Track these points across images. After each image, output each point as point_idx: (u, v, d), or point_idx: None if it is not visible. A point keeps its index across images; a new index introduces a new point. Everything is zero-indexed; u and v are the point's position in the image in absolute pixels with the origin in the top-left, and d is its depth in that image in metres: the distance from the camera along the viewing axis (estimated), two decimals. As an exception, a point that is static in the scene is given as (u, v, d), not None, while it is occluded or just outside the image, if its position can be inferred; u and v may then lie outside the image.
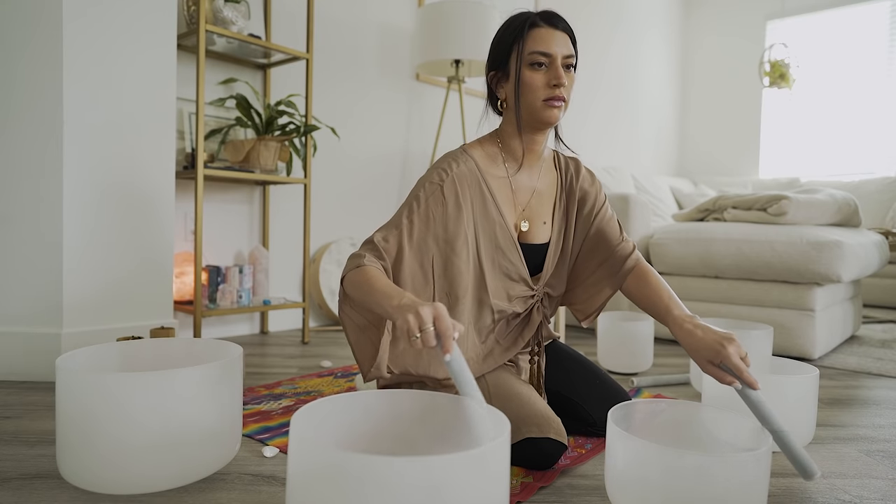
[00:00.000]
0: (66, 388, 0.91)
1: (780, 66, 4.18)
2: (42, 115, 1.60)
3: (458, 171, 1.16)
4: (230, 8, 2.04)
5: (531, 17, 1.14)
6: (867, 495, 1.02)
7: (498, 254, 1.20)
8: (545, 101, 1.12)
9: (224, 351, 1.13)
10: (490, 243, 1.19)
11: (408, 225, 1.12)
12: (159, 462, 0.92)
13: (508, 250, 1.20)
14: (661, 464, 0.80)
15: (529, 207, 1.24)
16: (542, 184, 1.27)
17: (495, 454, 0.65)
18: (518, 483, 1.01)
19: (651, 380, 1.73)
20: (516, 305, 1.22)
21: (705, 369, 1.02)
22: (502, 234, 1.19)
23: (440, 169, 1.16)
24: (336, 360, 1.95)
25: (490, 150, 1.23)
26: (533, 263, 1.25)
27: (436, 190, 1.14)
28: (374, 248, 1.10)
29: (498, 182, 1.21)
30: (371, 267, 1.03)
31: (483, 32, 2.68)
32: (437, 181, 1.15)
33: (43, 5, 1.59)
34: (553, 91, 1.12)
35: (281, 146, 2.14)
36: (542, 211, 1.26)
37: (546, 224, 1.26)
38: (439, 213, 1.14)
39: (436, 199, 1.14)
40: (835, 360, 2.12)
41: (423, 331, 0.84)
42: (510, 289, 1.21)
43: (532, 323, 1.26)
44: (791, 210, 2.15)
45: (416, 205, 1.13)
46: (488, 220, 1.18)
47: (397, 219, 1.13)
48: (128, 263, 1.75)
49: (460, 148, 1.22)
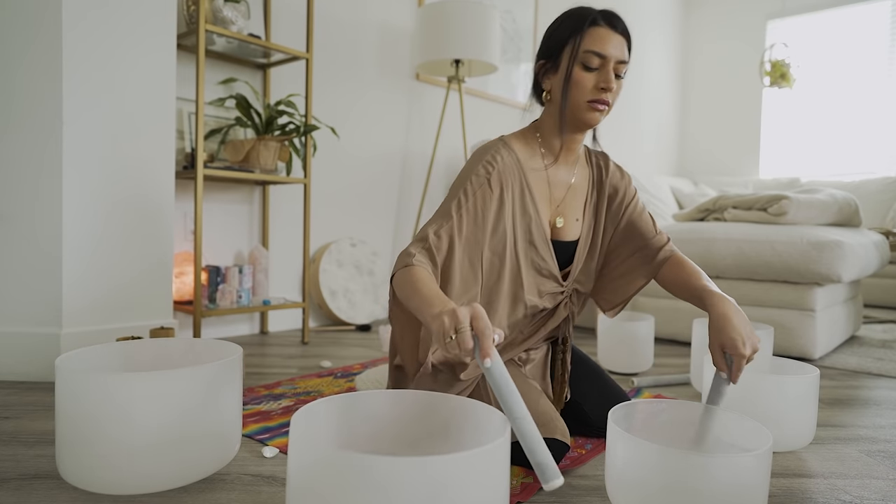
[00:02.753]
0: (65, 388, 0.91)
1: (781, 65, 4.18)
2: (42, 115, 1.60)
3: (502, 163, 1.14)
4: (230, 8, 2.04)
5: (593, 14, 1.11)
6: (868, 496, 1.02)
7: (531, 250, 1.18)
8: (590, 102, 1.11)
9: (224, 351, 1.13)
10: (524, 239, 1.18)
11: (457, 219, 1.09)
12: (159, 462, 0.92)
13: (541, 247, 1.19)
14: (661, 464, 0.80)
15: (564, 203, 1.23)
16: (577, 180, 1.26)
17: (495, 454, 0.65)
18: (518, 483, 1.01)
19: (651, 380, 1.73)
20: (546, 301, 1.22)
21: (713, 348, 1.04)
22: (537, 231, 1.18)
23: (486, 161, 1.14)
24: (336, 361, 1.95)
25: (529, 144, 1.21)
26: (562, 260, 1.24)
27: (483, 183, 1.12)
28: (425, 244, 1.07)
29: (536, 176, 1.20)
30: (419, 268, 1.00)
31: (483, 32, 2.68)
32: (485, 174, 1.13)
33: (43, 5, 1.59)
34: (600, 94, 1.10)
35: (281, 146, 2.14)
36: (575, 207, 1.25)
37: (578, 221, 1.25)
38: (487, 207, 1.12)
39: (483, 192, 1.12)
40: (835, 361, 2.12)
41: (459, 331, 0.76)
42: (541, 285, 1.20)
43: (557, 316, 1.24)
44: (791, 210, 2.15)
45: (464, 198, 1.11)
46: (524, 216, 1.17)
47: (446, 212, 1.10)
48: (128, 263, 1.75)
49: (500, 140, 1.20)
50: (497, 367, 0.75)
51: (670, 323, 2.38)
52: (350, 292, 2.67)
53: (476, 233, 1.11)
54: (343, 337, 2.38)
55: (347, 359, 1.98)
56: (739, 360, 0.99)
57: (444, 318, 0.79)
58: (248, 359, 1.95)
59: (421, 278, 0.96)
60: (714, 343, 1.03)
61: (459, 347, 0.76)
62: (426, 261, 1.05)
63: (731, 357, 1.00)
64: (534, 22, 3.77)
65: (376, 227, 2.92)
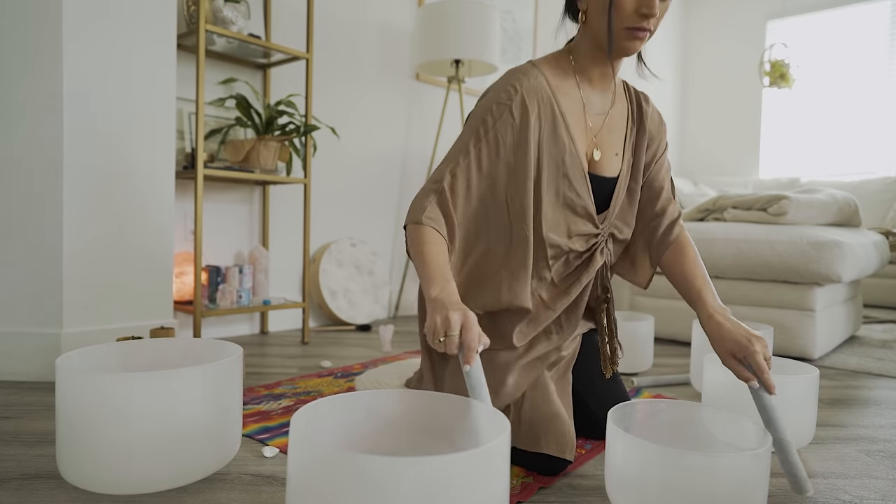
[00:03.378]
0: (65, 388, 0.91)
1: (781, 65, 4.18)
2: (42, 115, 1.60)
3: (528, 86, 1.05)
4: (230, 8, 2.04)
5: None
6: (867, 495, 1.02)
7: (563, 183, 1.07)
8: (629, 28, 1.00)
9: (224, 351, 1.13)
10: (556, 170, 1.07)
11: (475, 154, 1.03)
12: (159, 462, 0.92)
13: (576, 180, 1.08)
14: (661, 464, 0.80)
15: (601, 135, 1.12)
16: (615, 110, 1.15)
17: (495, 454, 0.65)
18: (518, 483, 1.01)
19: (651, 380, 1.73)
20: (576, 243, 1.11)
21: (726, 361, 1.00)
22: (571, 161, 1.07)
23: (508, 86, 1.05)
24: (336, 361, 1.95)
25: (562, 67, 1.11)
26: (599, 198, 1.13)
27: (504, 111, 1.04)
28: (439, 190, 1.02)
29: (569, 102, 1.09)
30: (427, 230, 0.97)
31: (483, 32, 2.68)
32: (506, 100, 1.04)
33: (44, 5, 1.59)
34: (641, 21, 0.99)
35: (281, 146, 2.14)
36: (613, 140, 1.14)
37: (618, 156, 1.14)
38: (509, 135, 1.04)
39: (504, 120, 1.04)
40: (835, 360, 2.12)
41: (448, 336, 0.81)
42: (572, 223, 1.09)
43: (593, 265, 1.13)
44: (791, 210, 2.15)
45: (482, 130, 1.04)
46: (557, 144, 1.07)
47: (463, 147, 1.04)
48: (128, 263, 1.75)
49: (528, 62, 1.11)
50: (475, 372, 0.82)
51: (670, 323, 2.38)
52: (350, 292, 2.67)
53: (498, 165, 1.04)
54: (343, 337, 2.38)
55: (347, 359, 1.98)
56: (753, 356, 0.95)
57: (437, 320, 0.83)
58: (248, 359, 1.95)
59: (428, 243, 0.96)
60: (721, 355, 1.00)
61: (445, 349, 0.81)
62: (438, 215, 1.01)
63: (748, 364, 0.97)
64: (534, 22, 3.77)
65: (376, 227, 2.92)
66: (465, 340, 0.81)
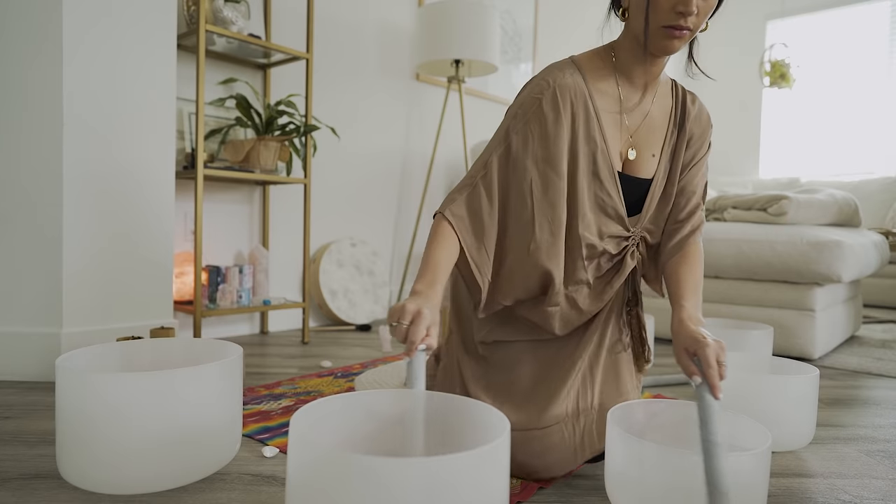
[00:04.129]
0: (65, 388, 0.91)
1: (781, 65, 4.18)
2: (42, 115, 1.60)
3: (561, 82, 1.04)
4: (230, 8, 2.04)
5: None
6: (867, 495, 1.02)
7: (595, 183, 1.05)
8: (666, 27, 0.96)
9: (224, 351, 1.13)
10: (588, 169, 1.05)
11: (505, 148, 1.04)
12: (159, 462, 0.92)
13: (607, 181, 1.06)
14: (661, 464, 0.80)
15: (638, 134, 1.10)
16: (656, 110, 1.12)
17: (495, 454, 0.65)
18: (518, 483, 1.01)
19: (651, 380, 1.73)
20: (608, 245, 1.08)
21: (678, 356, 0.95)
22: (603, 162, 1.05)
23: (542, 81, 1.05)
24: (336, 361, 1.95)
25: (602, 64, 1.09)
26: (632, 200, 1.10)
27: (535, 105, 1.03)
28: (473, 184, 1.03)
29: (606, 100, 1.07)
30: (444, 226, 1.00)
31: (483, 32, 2.68)
32: (537, 94, 1.04)
33: (44, 5, 1.59)
34: (678, 19, 0.94)
35: (281, 146, 2.14)
36: (651, 141, 1.11)
37: (654, 157, 1.11)
38: (538, 130, 1.03)
39: (535, 114, 1.03)
40: (835, 360, 2.12)
41: (398, 325, 0.83)
42: (603, 225, 1.07)
43: (624, 269, 1.11)
44: (791, 210, 2.15)
45: (514, 124, 1.04)
46: (589, 143, 1.05)
47: (497, 141, 1.05)
48: (128, 263, 1.75)
49: (569, 58, 1.09)
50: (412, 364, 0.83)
51: (670, 323, 2.38)
52: (350, 292, 2.67)
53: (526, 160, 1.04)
54: (343, 337, 2.38)
55: (347, 359, 1.98)
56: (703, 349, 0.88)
57: (396, 306, 0.85)
58: (248, 359, 1.95)
59: (435, 241, 0.98)
60: (676, 350, 0.96)
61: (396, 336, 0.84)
62: (463, 212, 1.02)
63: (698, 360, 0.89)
64: (534, 22, 3.77)
65: (376, 227, 2.92)
66: (409, 333, 0.82)
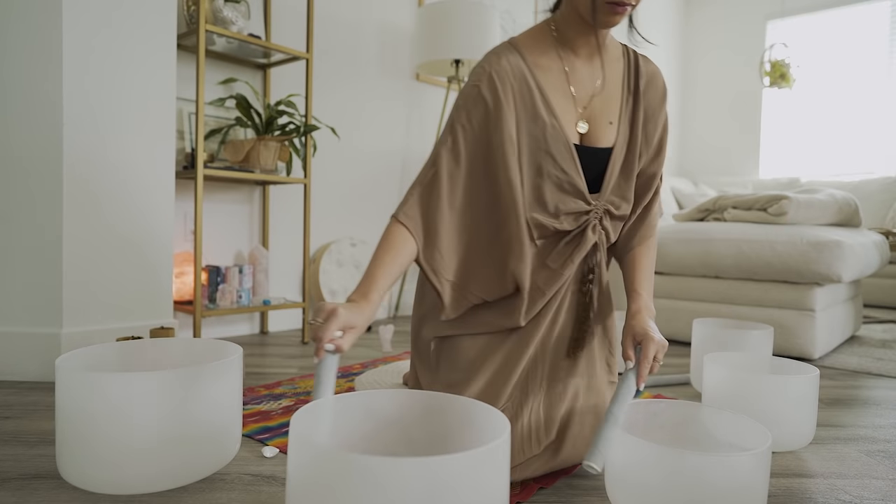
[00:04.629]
0: (65, 388, 0.91)
1: (781, 65, 4.18)
2: (41, 115, 1.60)
3: (497, 66, 1.02)
4: (230, 8, 2.04)
5: None
6: (867, 496, 1.02)
7: (547, 161, 1.03)
8: (610, 3, 0.97)
9: (224, 351, 1.12)
10: (537, 148, 1.03)
11: (453, 144, 1.02)
12: (159, 462, 0.92)
13: (561, 156, 1.03)
14: (661, 464, 0.80)
15: (592, 104, 1.07)
16: (607, 77, 1.09)
17: (495, 454, 0.65)
18: (518, 483, 1.01)
19: (651, 380, 1.73)
20: (564, 222, 1.05)
21: (624, 340, 1.01)
22: (553, 137, 1.02)
23: (479, 67, 1.04)
24: (336, 360, 1.95)
25: (541, 39, 1.07)
26: (595, 172, 1.07)
27: (474, 93, 1.02)
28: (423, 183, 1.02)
29: (550, 75, 1.05)
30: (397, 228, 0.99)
31: (483, 32, 2.68)
32: (476, 82, 1.03)
33: (44, 5, 1.59)
34: None
35: (281, 146, 2.14)
36: (606, 109, 1.08)
37: (612, 124, 1.08)
38: (480, 118, 1.02)
39: (475, 103, 1.02)
40: (835, 361, 2.12)
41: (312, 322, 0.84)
42: (561, 202, 1.04)
43: (584, 244, 1.06)
44: (791, 210, 2.15)
45: (457, 117, 1.03)
46: (536, 121, 1.02)
47: (444, 137, 1.04)
48: (128, 263, 1.75)
49: (506, 41, 1.08)
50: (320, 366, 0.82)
51: (670, 323, 2.38)
52: (350, 292, 2.67)
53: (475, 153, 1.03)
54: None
55: (347, 359, 1.98)
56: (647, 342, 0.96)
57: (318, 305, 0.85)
58: (248, 359, 1.95)
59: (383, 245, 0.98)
60: (625, 335, 1.01)
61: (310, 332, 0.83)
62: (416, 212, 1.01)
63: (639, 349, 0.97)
64: (533, 22, 3.77)
65: (377, 227, 2.92)
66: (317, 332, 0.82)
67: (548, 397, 1.05)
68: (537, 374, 1.07)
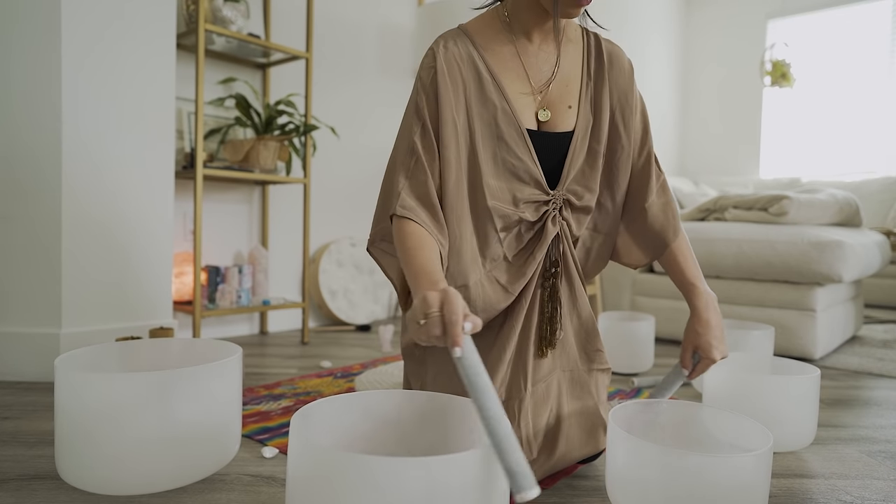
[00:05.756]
0: (65, 388, 0.91)
1: (782, 65, 4.18)
2: (41, 115, 1.60)
3: (445, 55, 0.98)
4: (229, 7, 2.04)
5: None
6: (868, 496, 1.01)
7: (501, 147, 0.98)
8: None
9: (223, 351, 1.12)
10: (490, 133, 0.98)
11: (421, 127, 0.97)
12: (159, 462, 0.91)
13: (514, 142, 0.98)
14: (661, 464, 0.80)
15: (550, 91, 1.03)
16: (565, 61, 1.05)
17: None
18: (518, 483, 1.00)
19: (651, 380, 1.73)
20: (526, 212, 1.00)
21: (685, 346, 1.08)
22: (506, 122, 0.98)
23: (429, 51, 1.00)
24: (336, 361, 1.95)
25: (492, 24, 1.03)
26: (556, 159, 1.02)
27: (429, 76, 0.98)
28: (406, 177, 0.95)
29: (502, 59, 1.01)
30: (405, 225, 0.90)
31: (483, 32, 2.67)
32: (429, 65, 0.99)
33: (42, 5, 1.59)
34: None
35: (280, 146, 2.14)
36: (565, 93, 1.04)
37: (572, 108, 1.03)
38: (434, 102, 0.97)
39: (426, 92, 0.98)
40: (836, 361, 2.12)
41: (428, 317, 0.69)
42: (517, 190, 0.99)
43: (545, 237, 1.00)
44: (792, 210, 2.15)
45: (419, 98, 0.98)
46: (487, 105, 0.98)
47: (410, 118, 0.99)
48: (127, 263, 1.75)
49: (457, 27, 1.04)
50: (468, 358, 0.67)
51: (670, 323, 2.38)
52: (350, 292, 2.67)
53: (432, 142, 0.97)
54: (343, 337, 2.38)
55: (347, 359, 1.97)
56: (707, 364, 1.06)
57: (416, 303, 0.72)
58: (248, 359, 1.94)
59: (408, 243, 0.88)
60: (689, 342, 1.08)
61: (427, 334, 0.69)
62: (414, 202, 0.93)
63: (698, 357, 1.07)
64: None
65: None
66: (445, 316, 0.68)
67: (532, 399, 1.01)
68: (519, 376, 1.01)
